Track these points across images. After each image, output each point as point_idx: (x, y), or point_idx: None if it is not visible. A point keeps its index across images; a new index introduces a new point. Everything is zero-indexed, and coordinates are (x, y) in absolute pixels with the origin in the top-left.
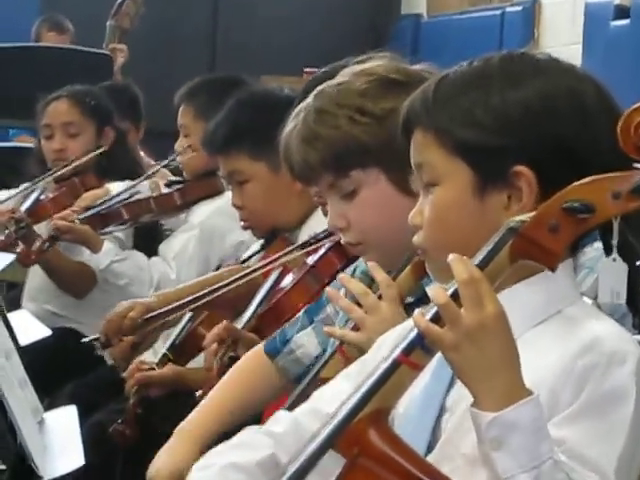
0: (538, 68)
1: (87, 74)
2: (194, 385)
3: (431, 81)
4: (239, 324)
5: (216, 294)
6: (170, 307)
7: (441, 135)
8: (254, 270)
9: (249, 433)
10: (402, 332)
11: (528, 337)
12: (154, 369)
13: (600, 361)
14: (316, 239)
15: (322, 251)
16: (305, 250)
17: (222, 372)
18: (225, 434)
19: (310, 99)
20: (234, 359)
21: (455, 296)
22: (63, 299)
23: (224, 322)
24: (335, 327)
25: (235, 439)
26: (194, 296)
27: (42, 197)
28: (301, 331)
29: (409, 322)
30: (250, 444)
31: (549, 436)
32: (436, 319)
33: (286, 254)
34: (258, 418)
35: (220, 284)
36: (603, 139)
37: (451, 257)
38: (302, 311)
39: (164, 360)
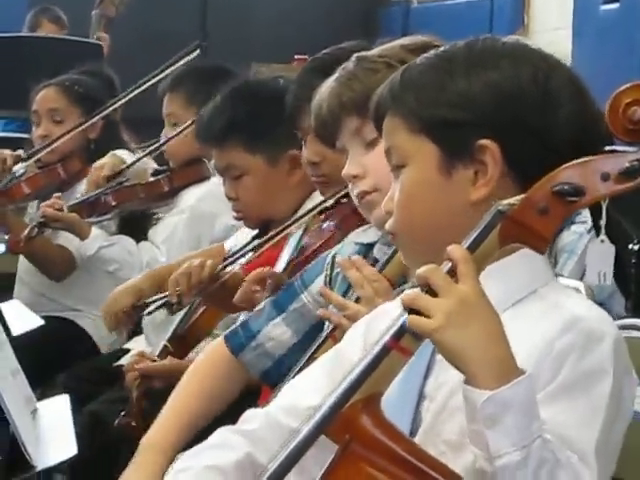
0: (503, 51)
1: (77, 63)
2: None
3: (399, 70)
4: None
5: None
6: (233, 257)
7: (407, 116)
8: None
9: (223, 433)
10: (376, 319)
11: (506, 317)
12: (155, 361)
13: (577, 341)
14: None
15: (339, 215)
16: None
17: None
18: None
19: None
20: None
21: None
22: (51, 282)
23: (267, 268)
24: (328, 311)
25: (211, 440)
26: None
27: (21, 178)
28: (269, 323)
29: (383, 307)
30: (226, 445)
31: (539, 415)
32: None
33: (277, 234)
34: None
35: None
36: (570, 121)
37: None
38: (267, 302)
39: (164, 351)
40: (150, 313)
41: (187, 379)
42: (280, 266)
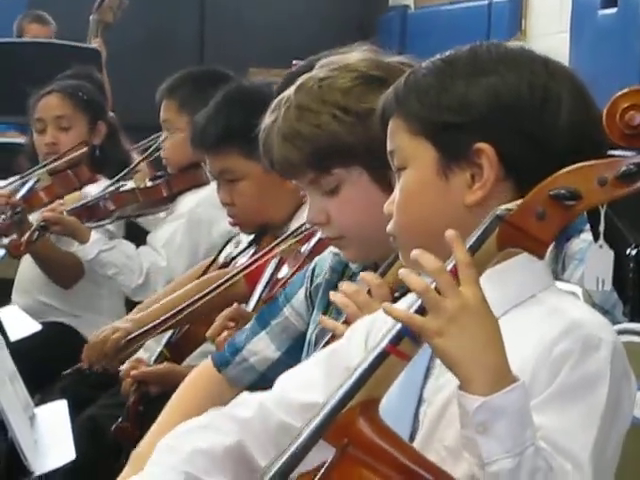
0: (506, 58)
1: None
2: None
3: (406, 73)
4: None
5: (193, 307)
6: (148, 327)
7: (409, 119)
8: (246, 267)
9: (216, 415)
10: (377, 322)
11: (504, 321)
12: (151, 366)
13: (575, 347)
14: (306, 228)
15: (317, 238)
16: (296, 239)
17: None
18: None
19: (290, 92)
20: None
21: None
22: (55, 291)
23: (234, 305)
24: (326, 318)
25: (203, 420)
26: (170, 313)
27: (36, 187)
28: (253, 338)
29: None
30: (217, 428)
31: (533, 422)
32: (421, 310)
33: (277, 245)
34: None
35: (198, 296)
36: (570, 128)
37: (415, 252)
38: (253, 319)
39: (161, 358)
40: (66, 376)
41: (177, 397)
42: (252, 302)
